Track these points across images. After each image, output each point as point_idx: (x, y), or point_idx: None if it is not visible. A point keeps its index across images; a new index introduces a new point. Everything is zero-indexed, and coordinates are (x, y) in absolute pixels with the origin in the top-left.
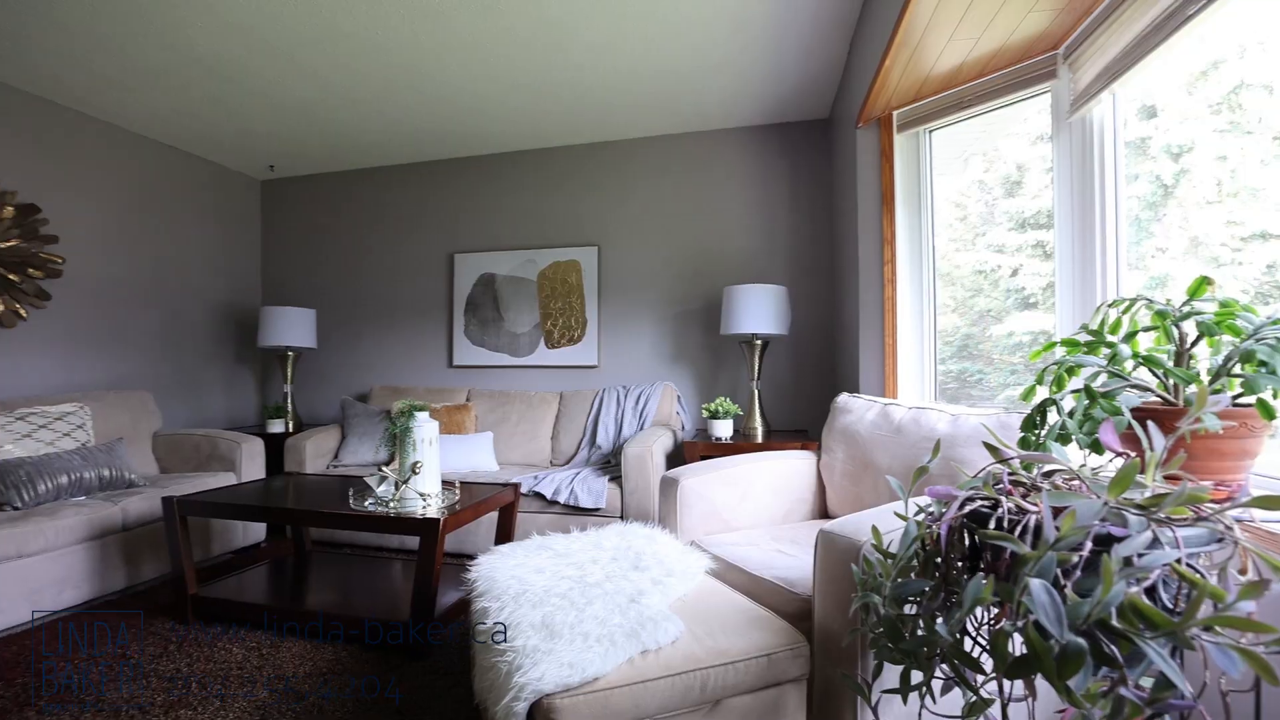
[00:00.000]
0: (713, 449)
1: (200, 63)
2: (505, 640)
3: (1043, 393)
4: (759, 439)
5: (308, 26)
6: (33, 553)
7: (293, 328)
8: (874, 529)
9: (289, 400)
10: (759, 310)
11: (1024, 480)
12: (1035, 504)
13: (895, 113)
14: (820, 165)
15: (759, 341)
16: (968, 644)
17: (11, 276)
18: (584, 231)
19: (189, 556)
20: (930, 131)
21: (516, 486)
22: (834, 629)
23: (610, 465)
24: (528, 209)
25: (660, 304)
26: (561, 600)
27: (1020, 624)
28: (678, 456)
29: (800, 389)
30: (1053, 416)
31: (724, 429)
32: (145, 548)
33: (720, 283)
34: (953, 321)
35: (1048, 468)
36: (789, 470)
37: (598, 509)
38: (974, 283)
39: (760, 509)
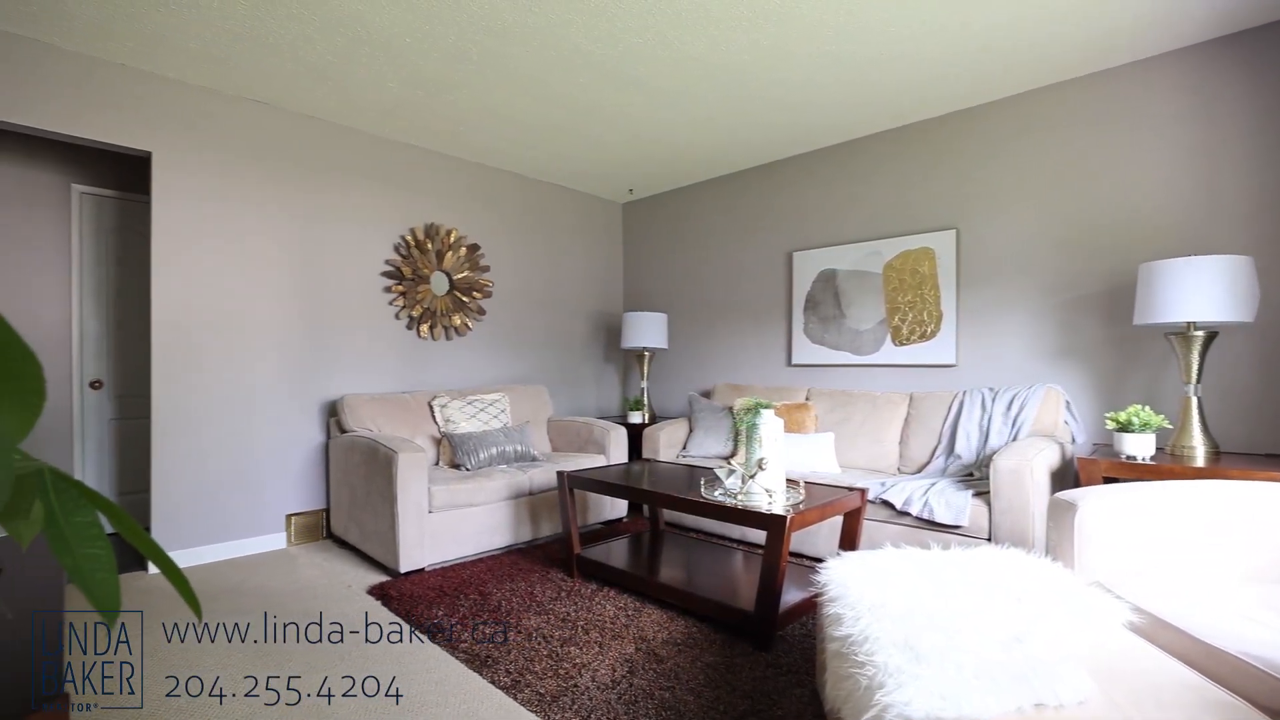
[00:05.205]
0: (1122, 469)
1: (582, 111)
2: (864, 653)
3: None
4: (1199, 461)
5: (661, 59)
6: (478, 504)
7: (648, 330)
8: None
9: (645, 394)
10: (1200, 291)
11: None
12: None
13: None
14: None
15: (1199, 333)
16: None
17: (464, 298)
18: (937, 215)
19: (575, 521)
20: None
21: (863, 492)
22: None
23: (973, 478)
24: (870, 198)
25: (1039, 291)
26: (926, 621)
27: None
28: (1066, 475)
29: (1272, 397)
30: None
31: (1140, 446)
32: (543, 510)
33: (1131, 259)
34: None
35: None
36: (1261, 509)
37: (957, 526)
38: None
39: (1208, 556)
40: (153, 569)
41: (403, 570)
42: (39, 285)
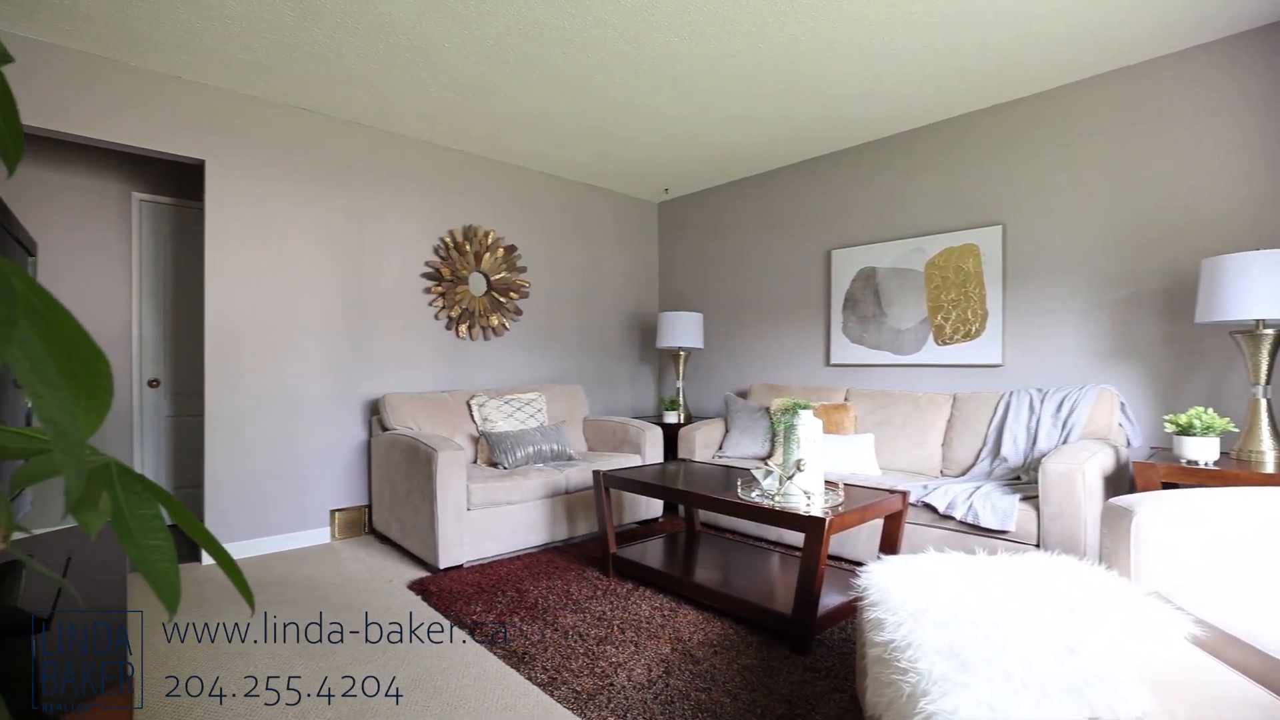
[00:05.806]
0: (1182, 475)
1: (618, 112)
2: (907, 659)
3: None
4: (1268, 467)
5: (697, 57)
6: (515, 501)
7: (684, 330)
8: None
9: (681, 394)
10: (1269, 286)
11: None
12: None
13: None
14: None
15: (1269, 331)
16: None
17: (501, 299)
18: (983, 210)
19: (611, 521)
20: None
21: (904, 495)
22: None
23: (1020, 482)
24: (912, 194)
25: (1090, 288)
26: (971, 629)
27: None
28: (1121, 479)
29: None
30: None
31: (1203, 450)
32: (579, 509)
33: (1192, 253)
34: None
35: None
36: None
37: (1004, 531)
38: None
39: (1278, 567)
40: (206, 560)
41: (442, 566)
42: (103, 288)
